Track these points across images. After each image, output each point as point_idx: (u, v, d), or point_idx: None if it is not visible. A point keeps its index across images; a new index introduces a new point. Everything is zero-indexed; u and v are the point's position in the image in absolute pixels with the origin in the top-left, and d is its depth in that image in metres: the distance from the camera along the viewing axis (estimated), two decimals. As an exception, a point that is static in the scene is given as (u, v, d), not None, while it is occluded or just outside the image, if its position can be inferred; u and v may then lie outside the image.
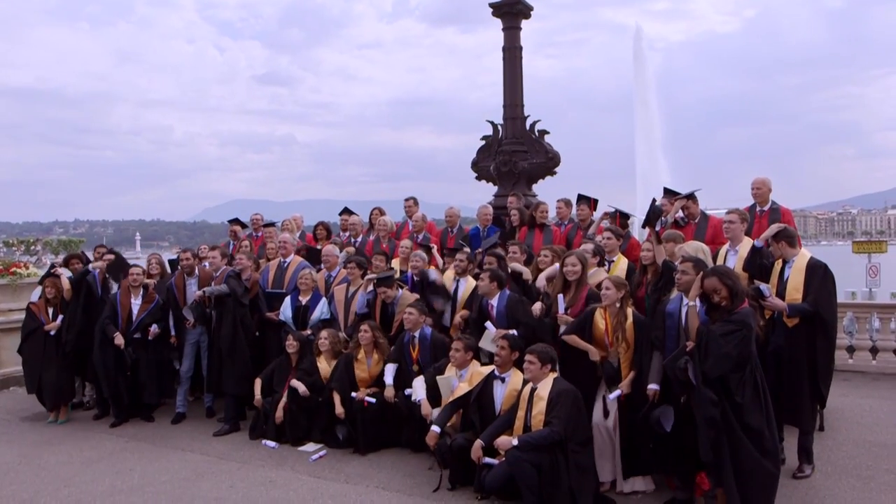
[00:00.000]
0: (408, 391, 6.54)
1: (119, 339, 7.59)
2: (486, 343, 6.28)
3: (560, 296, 6.03)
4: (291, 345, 7.24)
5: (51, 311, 8.14)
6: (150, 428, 7.73)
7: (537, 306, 6.21)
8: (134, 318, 7.77)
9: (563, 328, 5.82)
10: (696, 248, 5.83)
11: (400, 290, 7.37)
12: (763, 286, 5.53)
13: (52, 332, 8.02)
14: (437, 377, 6.21)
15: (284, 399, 6.96)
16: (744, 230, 6.36)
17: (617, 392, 5.39)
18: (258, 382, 7.31)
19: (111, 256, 8.52)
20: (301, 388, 6.91)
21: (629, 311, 5.53)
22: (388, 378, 6.77)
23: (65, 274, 8.37)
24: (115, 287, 8.11)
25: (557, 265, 6.28)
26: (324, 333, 7.20)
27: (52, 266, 8.67)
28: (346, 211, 10.05)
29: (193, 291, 7.88)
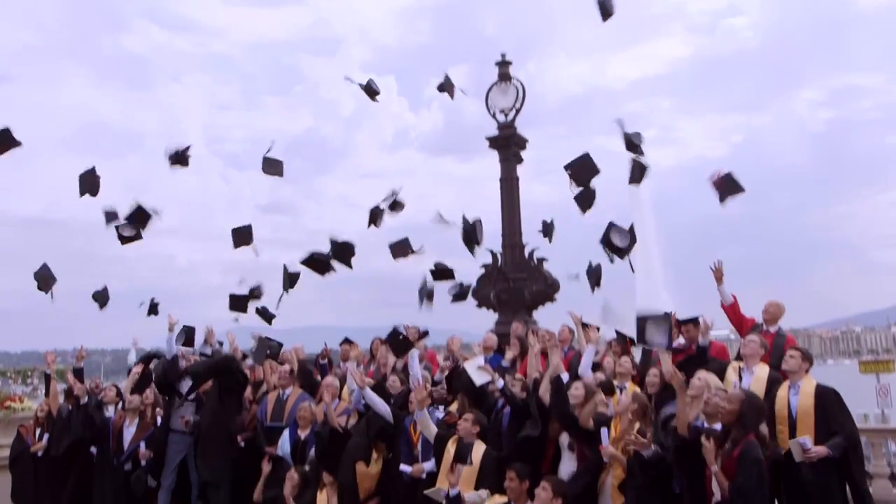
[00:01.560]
0: (403, 467, 6.24)
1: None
2: (473, 370, 6.16)
3: None
4: (291, 477, 6.92)
5: (38, 431, 7.83)
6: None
7: None
8: (124, 443, 7.51)
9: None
10: (713, 380, 5.77)
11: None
12: (804, 440, 5.43)
13: (40, 454, 7.66)
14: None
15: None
16: (760, 355, 6.35)
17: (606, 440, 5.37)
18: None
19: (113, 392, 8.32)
20: None
21: (637, 425, 5.50)
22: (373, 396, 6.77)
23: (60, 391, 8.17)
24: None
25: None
26: None
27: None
28: (347, 341, 9.99)
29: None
